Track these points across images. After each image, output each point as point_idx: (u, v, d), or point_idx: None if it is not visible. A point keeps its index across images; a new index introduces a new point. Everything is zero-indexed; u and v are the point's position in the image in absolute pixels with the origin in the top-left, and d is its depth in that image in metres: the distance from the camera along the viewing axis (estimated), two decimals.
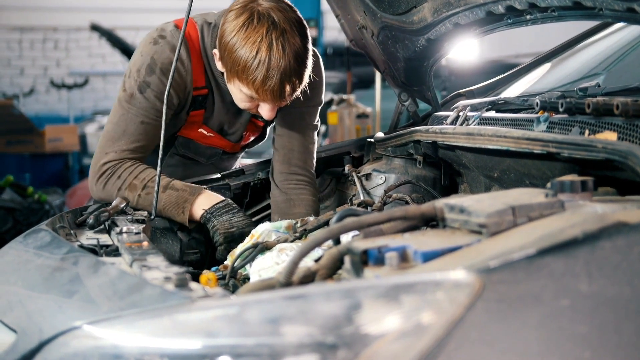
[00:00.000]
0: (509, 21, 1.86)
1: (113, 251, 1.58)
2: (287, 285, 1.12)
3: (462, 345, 0.91)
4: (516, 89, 2.39)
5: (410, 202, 1.99)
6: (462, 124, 2.08)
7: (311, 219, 1.82)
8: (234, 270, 1.67)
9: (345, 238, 1.35)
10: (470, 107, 2.14)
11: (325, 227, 1.74)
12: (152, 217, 1.92)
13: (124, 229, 1.64)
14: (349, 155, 2.41)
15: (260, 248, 1.68)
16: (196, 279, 1.50)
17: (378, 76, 6.39)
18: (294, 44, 1.85)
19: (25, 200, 6.06)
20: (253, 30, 1.83)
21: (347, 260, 1.13)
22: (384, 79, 3.21)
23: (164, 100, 1.88)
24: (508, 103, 2.01)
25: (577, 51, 2.44)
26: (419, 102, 2.50)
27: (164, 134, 1.89)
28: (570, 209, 1.13)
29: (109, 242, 1.65)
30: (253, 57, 1.82)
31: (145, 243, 1.53)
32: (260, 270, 1.62)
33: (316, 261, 1.41)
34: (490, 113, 2.04)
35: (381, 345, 0.91)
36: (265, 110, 1.96)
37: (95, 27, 9.01)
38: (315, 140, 2.27)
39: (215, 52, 1.96)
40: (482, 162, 1.82)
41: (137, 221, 1.83)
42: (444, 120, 2.21)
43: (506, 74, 2.56)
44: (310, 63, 1.93)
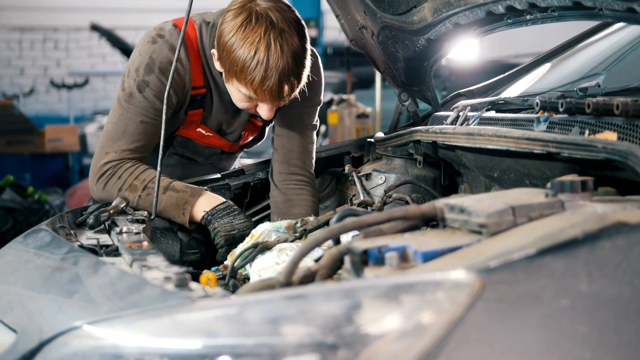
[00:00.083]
0: (509, 21, 1.86)
1: (113, 251, 1.58)
2: (287, 285, 1.12)
3: (462, 345, 0.91)
4: (516, 89, 2.39)
5: (410, 202, 1.99)
6: (462, 124, 2.08)
7: (311, 219, 1.82)
8: (234, 270, 1.67)
9: (345, 238, 1.35)
10: (470, 107, 2.14)
11: (325, 227, 1.74)
12: (152, 218, 1.92)
13: (124, 229, 1.64)
14: (349, 155, 2.41)
15: (260, 248, 1.67)
16: (196, 279, 1.50)
17: (378, 76, 6.39)
18: (292, 44, 1.85)
19: (25, 200, 6.05)
20: (251, 31, 1.83)
21: (347, 260, 1.13)
22: (384, 79, 3.21)
23: (164, 99, 1.88)
24: (508, 103, 2.01)
25: (577, 51, 2.44)
26: (419, 102, 2.50)
27: (164, 133, 1.89)
28: (570, 209, 1.13)
29: (109, 242, 1.65)
30: (251, 57, 1.82)
31: (145, 243, 1.53)
32: (260, 270, 1.62)
33: (316, 261, 1.41)
34: (490, 113, 2.04)
35: (381, 345, 0.91)
36: (264, 111, 1.96)
37: (95, 27, 9.00)
38: (315, 140, 2.27)
39: (214, 52, 1.96)
40: (482, 162, 1.82)
41: (137, 221, 1.83)
42: (444, 120, 2.21)
43: (506, 74, 2.56)
44: (308, 63, 1.92)
